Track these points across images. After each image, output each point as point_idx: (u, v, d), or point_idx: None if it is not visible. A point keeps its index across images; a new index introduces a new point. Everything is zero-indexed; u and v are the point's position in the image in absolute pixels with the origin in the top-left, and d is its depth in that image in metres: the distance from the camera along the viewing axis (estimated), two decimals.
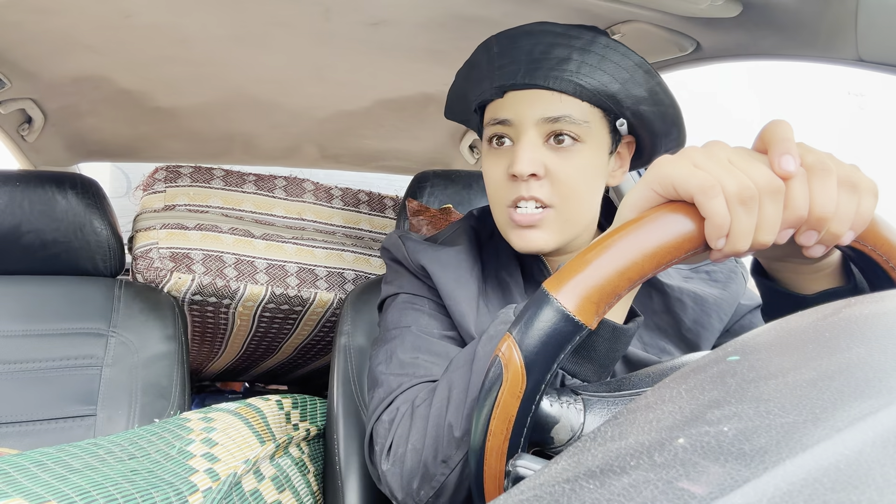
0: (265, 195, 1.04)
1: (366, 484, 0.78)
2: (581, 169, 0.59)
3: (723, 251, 0.36)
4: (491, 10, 0.82)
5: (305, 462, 0.82)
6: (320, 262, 1.04)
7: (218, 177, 1.02)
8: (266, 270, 1.00)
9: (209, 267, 0.96)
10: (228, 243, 0.98)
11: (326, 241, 1.06)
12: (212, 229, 0.98)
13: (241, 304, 1.01)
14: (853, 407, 0.19)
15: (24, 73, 0.99)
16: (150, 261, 0.94)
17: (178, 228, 0.96)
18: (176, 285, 0.95)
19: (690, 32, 0.80)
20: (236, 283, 0.97)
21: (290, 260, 1.02)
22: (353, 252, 1.08)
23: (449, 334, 0.63)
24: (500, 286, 0.67)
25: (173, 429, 0.73)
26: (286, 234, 1.03)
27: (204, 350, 1.34)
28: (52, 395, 0.78)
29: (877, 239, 0.39)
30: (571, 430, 0.39)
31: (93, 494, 0.56)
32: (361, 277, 1.07)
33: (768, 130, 0.37)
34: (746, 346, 0.28)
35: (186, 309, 1.03)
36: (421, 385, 0.57)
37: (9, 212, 0.83)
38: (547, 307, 0.35)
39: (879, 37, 0.61)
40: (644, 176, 0.38)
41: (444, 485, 0.49)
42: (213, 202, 1.00)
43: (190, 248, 0.96)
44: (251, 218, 1.02)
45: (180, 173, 0.99)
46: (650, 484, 0.18)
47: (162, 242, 0.95)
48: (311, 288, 1.02)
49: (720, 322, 0.65)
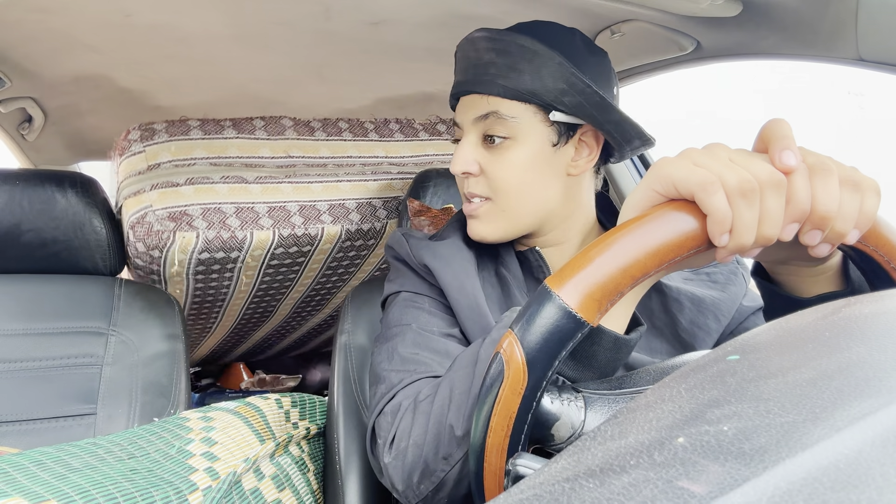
0: (248, 138, 0.99)
1: (366, 482, 0.78)
2: (514, 164, 0.62)
3: (727, 247, 0.35)
4: (491, 10, 0.82)
5: (305, 461, 0.82)
6: (319, 196, 1.01)
7: (195, 127, 0.97)
8: (269, 214, 0.96)
9: (211, 221, 0.92)
10: (224, 193, 0.94)
11: (320, 175, 1.03)
12: (204, 181, 0.93)
13: (249, 254, 0.97)
14: (853, 406, 0.19)
15: (25, 72, 0.99)
16: (148, 226, 0.88)
17: (169, 187, 0.90)
18: (182, 246, 0.90)
19: (691, 32, 0.80)
20: (242, 231, 0.93)
21: (289, 200, 0.99)
22: (349, 181, 1.05)
23: (449, 332, 0.64)
24: (499, 282, 0.68)
25: (173, 428, 0.73)
26: (278, 174, 1.00)
27: (195, 330, 1.32)
28: (52, 394, 0.78)
29: (878, 239, 0.39)
30: (572, 428, 0.39)
31: (93, 493, 0.56)
32: (363, 205, 1.05)
33: (767, 129, 0.37)
34: (746, 346, 0.28)
35: (191, 277, 1.00)
36: (423, 381, 0.58)
37: (8, 211, 0.83)
38: (549, 304, 0.35)
39: (879, 37, 0.61)
40: (645, 176, 0.38)
41: (444, 480, 0.50)
42: (198, 153, 0.95)
43: (186, 204, 0.91)
44: (240, 163, 0.98)
45: (155, 130, 0.93)
46: (650, 483, 0.18)
47: (156, 204, 0.89)
48: (316, 223, 0.99)
49: (717, 323, 0.65)
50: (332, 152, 1.05)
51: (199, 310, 1.20)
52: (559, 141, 0.63)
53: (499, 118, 0.61)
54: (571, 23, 0.88)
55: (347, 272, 1.23)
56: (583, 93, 0.59)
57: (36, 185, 0.85)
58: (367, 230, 1.05)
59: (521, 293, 0.67)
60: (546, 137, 0.62)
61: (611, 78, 0.65)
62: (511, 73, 0.60)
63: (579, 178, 0.66)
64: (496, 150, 0.63)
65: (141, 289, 0.92)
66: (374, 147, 1.09)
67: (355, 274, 1.25)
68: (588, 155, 0.65)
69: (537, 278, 0.68)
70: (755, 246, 0.36)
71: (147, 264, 0.94)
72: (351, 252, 1.11)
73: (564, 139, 0.63)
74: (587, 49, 0.63)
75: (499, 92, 0.61)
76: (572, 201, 0.66)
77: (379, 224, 1.06)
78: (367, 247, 1.11)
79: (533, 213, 0.65)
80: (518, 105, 0.61)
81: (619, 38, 0.88)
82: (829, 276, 0.45)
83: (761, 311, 0.67)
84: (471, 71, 0.63)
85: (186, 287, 1.05)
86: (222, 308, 1.22)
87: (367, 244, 1.09)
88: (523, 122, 0.61)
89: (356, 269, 1.23)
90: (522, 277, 0.68)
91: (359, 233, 1.04)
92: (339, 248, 1.07)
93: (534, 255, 0.68)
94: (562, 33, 0.63)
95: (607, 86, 0.64)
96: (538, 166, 0.63)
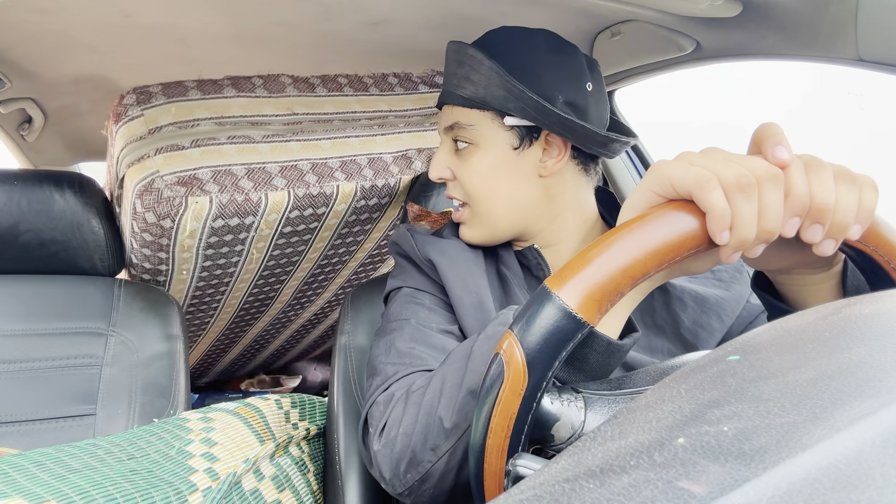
0: (249, 96, 0.95)
1: (366, 483, 0.78)
2: (479, 169, 0.65)
3: (729, 244, 0.35)
4: (490, 11, 0.82)
5: (305, 461, 0.82)
6: (329, 153, 0.98)
7: (192, 87, 0.91)
8: (281, 174, 0.92)
9: (223, 184, 0.86)
10: (232, 154, 0.89)
11: (327, 131, 0.99)
12: (210, 143, 0.88)
13: (264, 220, 0.93)
14: (853, 407, 0.19)
15: (24, 73, 0.99)
16: (158, 192, 0.83)
17: (175, 150, 0.85)
18: (195, 212, 0.85)
19: (690, 32, 0.80)
20: (256, 193, 0.89)
21: (299, 158, 0.94)
22: (357, 136, 1.01)
23: (448, 329, 0.65)
24: (500, 281, 0.69)
25: (172, 429, 0.73)
26: (285, 131, 0.96)
27: (191, 328, 1.30)
28: (51, 395, 0.78)
29: (878, 239, 0.39)
30: (572, 428, 0.39)
31: (92, 494, 0.56)
32: (375, 160, 1.01)
33: (759, 131, 0.38)
34: (746, 346, 0.28)
35: (201, 252, 0.96)
36: (417, 373, 0.58)
37: (7, 211, 0.83)
38: (549, 304, 0.35)
39: (879, 37, 0.61)
40: (643, 179, 0.38)
41: (431, 472, 0.51)
42: (200, 114, 0.90)
43: (195, 168, 0.85)
44: (245, 122, 0.93)
45: (151, 93, 0.88)
46: (650, 483, 0.18)
47: (162, 169, 0.83)
48: (330, 181, 0.96)
49: (720, 323, 0.65)
50: (336, 108, 1.02)
51: (199, 299, 1.17)
52: (521, 144, 0.64)
53: (461, 127, 0.65)
54: (571, 23, 0.88)
55: (356, 241, 1.20)
56: (521, 98, 0.61)
57: (34, 186, 0.85)
58: (381, 186, 1.01)
59: (522, 291, 0.67)
60: (506, 142, 0.64)
61: (579, 75, 0.64)
62: (466, 84, 0.64)
63: (559, 179, 0.66)
64: (463, 157, 0.66)
65: (140, 289, 0.92)
66: (377, 101, 1.06)
67: (361, 244, 1.23)
68: (558, 155, 0.65)
69: (537, 276, 0.68)
70: (757, 242, 0.36)
71: (156, 238, 0.89)
72: (363, 215, 1.08)
73: (528, 142, 0.64)
74: (549, 49, 0.64)
75: (457, 102, 0.65)
76: (554, 202, 0.67)
77: (392, 180, 1.02)
78: (380, 207, 1.08)
79: (509, 217, 0.66)
80: (475, 113, 0.64)
81: (619, 38, 0.88)
82: (832, 286, 0.44)
83: None
84: (445, 83, 0.68)
85: (193, 269, 1.02)
86: (225, 295, 1.19)
87: (381, 203, 1.06)
88: (482, 129, 0.64)
89: (363, 240, 1.20)
90: (523, 275, 0.68)
91: (373, 190, 1.01)
92: (352, 210, 1.03)
93: (532, 254, 0.68)
94: (516, 39, 0.64)
95: (573, 84, 0.63)
96: (503, 169, 0.65)
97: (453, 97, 0.66)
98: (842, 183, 0.36)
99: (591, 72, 0.66)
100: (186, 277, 1.05)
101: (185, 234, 0.89)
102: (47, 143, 1.29)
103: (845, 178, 0.36)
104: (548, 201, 0.66)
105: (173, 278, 1.03)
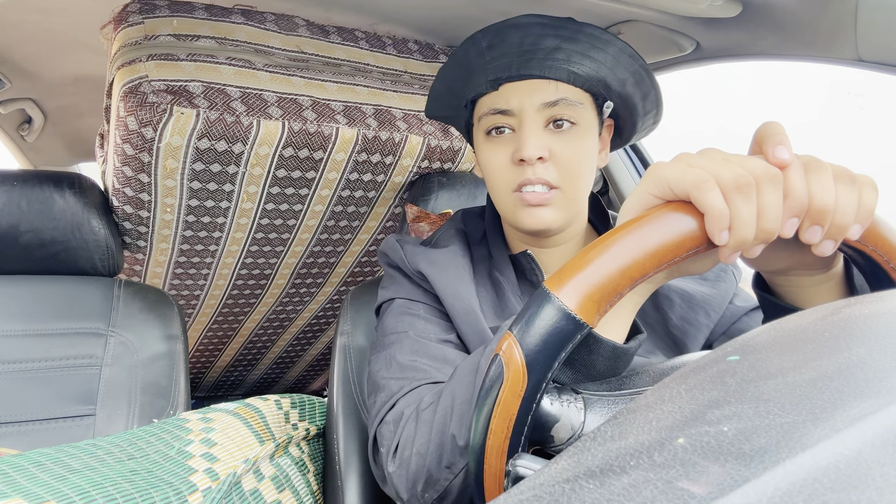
0: (257, 27, 0.89)
1: (366, 483, 0.78)
2: (580, 150, 0.62)
3: (728, 245, 0.35)
4: (490, 10, 0.82)
5: (305, 461, 0.82)
6: (333, 96, 0.91)
7: (200, 7, 0.87)
8: (278, 104, 0.86)
9: (213, 101, 0.81)
10: (229, 75, 0.83)
11: (335, 74, 0.93)
12: (207, 59, 0.83)
13: (254, 152, 0.88)
14: (853, 407, 0.19)
15: (24, 73, 0.99)
16: (142, 96, 0.77)
17: (168, 59, 0.80)
18: (180, 124, 0.80)
19: (690, 32, 0.80)
20: (248, 118, 0.83)
21: (301, 93, 0.88)
22: (366, 87, 0.96)
23: (446, 338, 0.64)
24: (493, 286, 0.68)
25: (172, 429, 0.73)
26: (290, 65, 0.90)
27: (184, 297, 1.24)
28: (51, 395, 0.78)
29: (878, 239, 0.39)
30: (572, 429, 0.39)
31: (92, 494, 0.56)
32: (382, 111, 0.95)
33: (761, 131, 0.38)
34: (746, 346, 0.28)
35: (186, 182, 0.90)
36: (423, 388, 0.57)
37: (7, 211, 0.83)
38: (548, 306, 0.35)
39: (879, 37, 0.61)
40: (641, 181, 0.38)
41: (448, 489, 0.50)
42: (202, 31, 0.85)
43: (187, 79, 0.80)
44: (249, 48, 0.88)
45: (156, 5, 0.84)
46: (650, 484, 0.18)
47: (152, 74, 0.78)
48: (330, 122, 0.90)
49: (707, 318, 0.65)
50: (348, 56, 0.95)
51: (188, 258, 1.09)
52: (600, 131, 0.65)
53: (568, 104, 0.61)
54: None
55: (350, 227, 1.14)
56: (643, 84, 0.62)
57: (34, 186, 0.85)
58: (384, 140, 0.95)
59: (515, 296, 0.67)
60: (595, 126, 0.64)
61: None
62: (584, 60, 0.60)
63: None
64: (565, 136, 0.61)
65: (140, 289, 0.92)
66: (392, 60, 0.99)
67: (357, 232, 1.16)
68: (603, 149, 0.67)
69: (531, 280, 0.68)
70: (756, 242, 0.36)
71: (137, 153, 0.83)
72: (366, 175, 1.01)
73: (600, 129, 0.65)
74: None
75: (569, 78, 0.61)
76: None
77: (398, 136, 0.95)
78: (384, 168, 1.01)
79: (582, 203, 0.65)
80: (582, 92, 0.62)
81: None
82: (831, 286, 0.44)
83: (758, 310, 0.67)
84: (528, 56, 0.61)
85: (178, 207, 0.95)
86: (215, 257, 1.12)
87: (384, 162, 0.99)
88: (587, 110, 0.62)
89: (358, 227, 1.14)
90: (516, 281, 0.68)
91: (376, 142, 0.94)
92: (352, 167, 0.97)
93: (525, 259, 0.68)
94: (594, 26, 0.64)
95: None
96: (592, 154, 0.64)
97: (562, 72, 0.61)
98: (841, 183, 0.36)
99: None
100: (171, 219, 0.98)
101: (169, 152, 0.83)
102: (47, 143, 1.29)
103: (845, 179, 0.36)
104: (590, 189, 0.67)
105: (157, 218, 0.97)
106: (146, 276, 1.13)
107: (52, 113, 1.19)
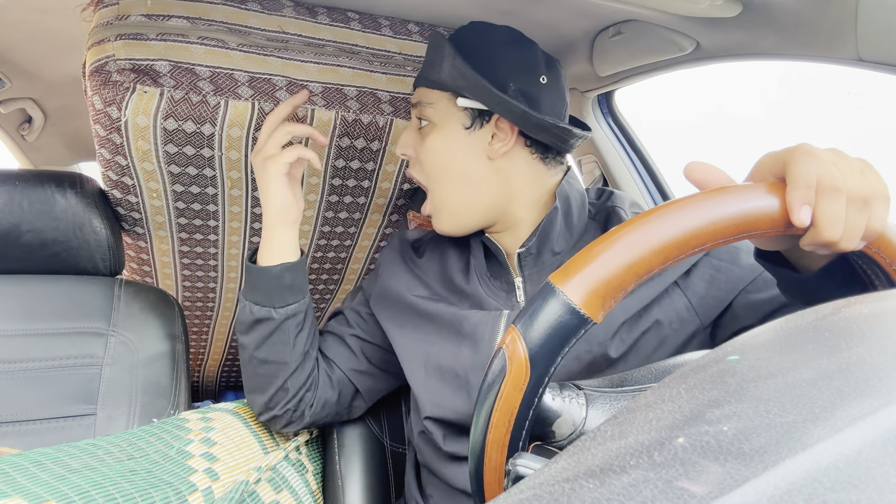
0: (236, 6, 0.86)
1: (366, 483, 0.78)
2: (435, 146, 0.70)
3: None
4: (491, 10, 0.82)
5: (303, 462, 0.82)
6: (313, 77, 0.87)
7: None
8: (249, 84, 0.82)
9: (180, 80, 0.79)
10: (199, 55, 0.81)
11: (317, 55, 0.88)
12: (178, 39, 0.80)
13: (225, 134, 0.84)
14: (853, 406, 0.19)
15: (24, 73, 0.99)
16: (107, 75, 0.76)
17: (137, 39, 0.78)
18: (143, 104, 0.78)
19: (690, 32, 0.80)
20: (215, 98, 0.81)
21: (276, 73, 0.84)
22: (350, 68, 0.90)
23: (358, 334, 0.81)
24: (467, 271, 0.75)
25: (172, 429, 0.73)
26: (267, 45, 0.86)
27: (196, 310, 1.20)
28: (51, 395, 0.78)
29: (881, 242, 0.39)
30: (573, 425, 0.39)
31: (92, 494, 0.56)
32: (366, 94, 0.90)
33: (794, 165, 0.38)
34: (746, 346, 0.28)
35: (163, 164, 0.87)
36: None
37: (8, 211, 0.83)
38: (553, 300, 0.35)
39: (879, 37, 0.61)
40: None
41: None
42: (176, 11, 0.82)
43: (154, 59, 0.78)
44: (224, 28, 0.84)
45: None
46: (650, 483, 0.18)
47: (118, 53, 0.77)
48: (306, 104, 0.86)
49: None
50: (334, 37, 0.90)
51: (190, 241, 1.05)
52: (472, 125, 0.69)
53: (423, 105, 0.71)
54: (571, 23, 0.88)
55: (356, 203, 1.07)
56: (474, 82, 0.65)
57: (35, 186, 0.85)
58: (367, 123, 0.90)
59: (482, 276, 0.73)
60: (459, 121, 0.69)
61: (533, 67, 0.68)
62: (431, 68, 0.70)
63: (510, 163, 0.69)
64: (423, 135, 0.71)
65: (141, 289, 0.92)
66: (386, 42, 0.94)
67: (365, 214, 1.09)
68: (505, 139, 0.68)
69: (497, 258, 0.73)
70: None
71: (108, 134, 0.82)
72: (353, 162, 0.97)
73: (479, 124, 0.69)
74: (506, 42, 0.69)
75: (422, 83, 0.72)
76: (509, 185, 0.70)
77: (382, 120, 0.91)
78: (371, 154, 0.96)
79: (466, 199, 0.70)
80: (436, 93, 0.70)
81: (619, 38, 0.88)
82: None
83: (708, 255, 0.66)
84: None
85: (164, 190, 0.92)
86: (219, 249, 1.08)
87: (370, 147, 0.94)
88: (440, 108, 0.70)
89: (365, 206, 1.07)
90: (485, 262, 0.73)
91: (357, 126, 0.90)
92: (336, 152, 0.94)
93: (488, 241, 0.72)
94: (479, 30, 0.70)
95: (527, 75, 0.68)
96: (455, 147, 0.69)
97: (421, 80, 0.72)
98: (853, 208, 0.36)
99: (548, 67, 0.70)
100: (161, 206, 0.95)
101: (137, 132, 0.82)
102: (47, 143, 1.29)
103: (859, 203, 0.37)
104: (502, 184, 0.70)
105: (146, 203, 0.94)
106: (157, 272, 1.12)
107: (53, 112, 1.19)
